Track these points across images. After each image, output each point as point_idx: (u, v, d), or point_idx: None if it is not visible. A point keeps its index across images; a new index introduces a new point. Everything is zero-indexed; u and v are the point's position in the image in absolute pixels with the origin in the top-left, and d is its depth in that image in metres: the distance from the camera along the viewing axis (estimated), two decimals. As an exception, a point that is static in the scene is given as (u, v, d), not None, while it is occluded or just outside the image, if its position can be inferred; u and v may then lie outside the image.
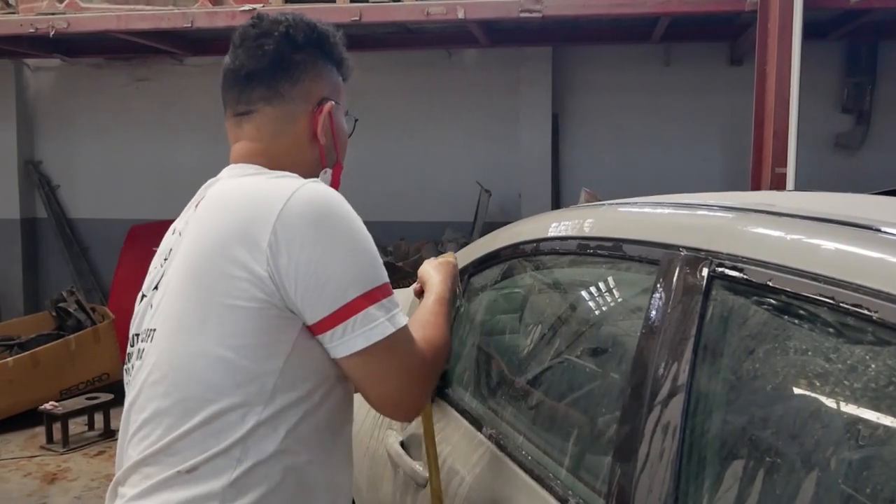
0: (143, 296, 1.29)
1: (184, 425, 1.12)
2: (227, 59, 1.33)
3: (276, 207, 1.12)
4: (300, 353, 1.15)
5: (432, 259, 1.64)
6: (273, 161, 1.27)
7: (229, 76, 1.32)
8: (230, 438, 1.11)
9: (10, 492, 4.14)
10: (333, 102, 1.33)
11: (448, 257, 1.68)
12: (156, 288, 1.25)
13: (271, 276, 1.10)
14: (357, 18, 4.82)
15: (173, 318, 1.17)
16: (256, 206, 1.14)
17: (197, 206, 1.26)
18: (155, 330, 1.19)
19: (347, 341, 1.12)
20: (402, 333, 1.17)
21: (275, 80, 1.28)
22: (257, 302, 1.10)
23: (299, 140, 1.31)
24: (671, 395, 1.04)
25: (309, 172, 1.29)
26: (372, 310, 1.13)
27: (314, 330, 1.14)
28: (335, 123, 1.34)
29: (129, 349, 1.28)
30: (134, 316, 1.29)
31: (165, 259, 1.26)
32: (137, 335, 1.25)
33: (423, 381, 1.24)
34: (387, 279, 1.17)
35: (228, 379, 1.11)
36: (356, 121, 1.44)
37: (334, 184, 1.36)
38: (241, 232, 1.12)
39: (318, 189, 1.17)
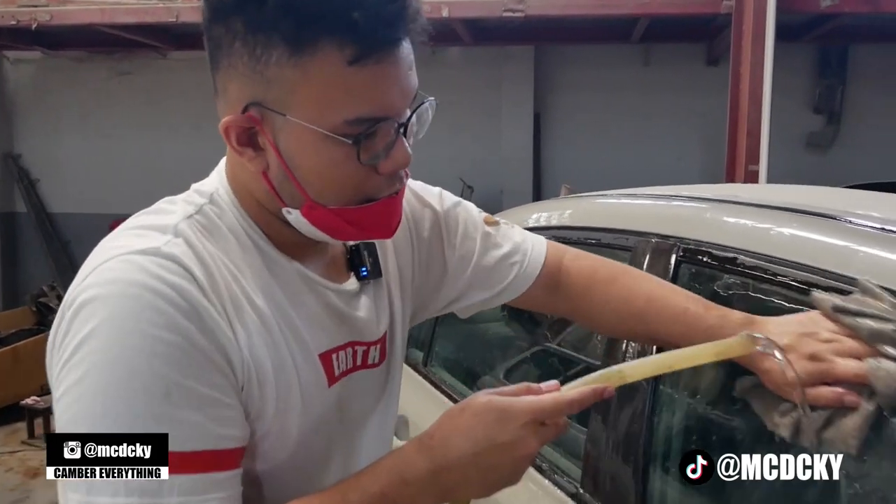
0: None
1: None
2: None
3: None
4: None
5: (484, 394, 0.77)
6: (230, 174, 0.85)
7: None
8: None
9: (-8, 486, 4.16)
10: (259, 116, 0.74)
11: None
12: None
13: None
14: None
15: None
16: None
17: None
18: None
19: None
20: None
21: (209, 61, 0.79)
22: None
23: (233, 158, 0.83)
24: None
25: (268, 206, 0.82)
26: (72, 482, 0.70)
27: None
28: (280, 149, 0.75)
29: None
30: None
31: None
32: None
33: None
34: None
35: None
36: (356, 142, 0.73)
37: (325, 229, 0.80)
38: None
39: (94, 281, 0.72)
